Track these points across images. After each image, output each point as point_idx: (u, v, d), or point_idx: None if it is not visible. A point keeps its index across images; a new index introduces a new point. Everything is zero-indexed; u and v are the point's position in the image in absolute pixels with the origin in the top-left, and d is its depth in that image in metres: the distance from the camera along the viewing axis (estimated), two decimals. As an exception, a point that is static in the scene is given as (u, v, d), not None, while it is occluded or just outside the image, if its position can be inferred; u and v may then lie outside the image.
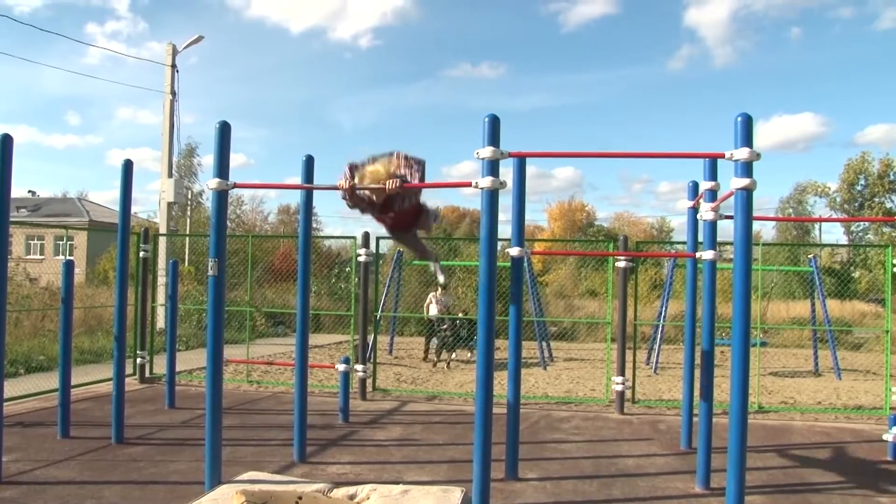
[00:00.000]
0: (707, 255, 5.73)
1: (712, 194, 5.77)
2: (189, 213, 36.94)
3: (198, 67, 72.30)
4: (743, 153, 4.29)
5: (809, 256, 14.64)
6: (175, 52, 17.79)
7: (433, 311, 14.13)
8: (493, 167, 4.46)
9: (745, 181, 4.28)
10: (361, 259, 9.49)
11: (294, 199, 62.33)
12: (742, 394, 4.32)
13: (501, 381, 9.34)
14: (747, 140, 4.30)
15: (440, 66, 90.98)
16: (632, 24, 78.98)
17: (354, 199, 5.19)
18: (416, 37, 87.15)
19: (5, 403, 5.56)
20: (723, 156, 4.43)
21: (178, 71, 17.77)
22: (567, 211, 55.09)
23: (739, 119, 4.34)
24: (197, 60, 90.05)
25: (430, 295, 14.55)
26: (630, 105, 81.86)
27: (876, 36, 65.36)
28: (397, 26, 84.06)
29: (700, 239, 6.10)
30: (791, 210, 45.77)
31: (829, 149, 71.99)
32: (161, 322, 13.13)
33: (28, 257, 35.18)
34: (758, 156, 4.28)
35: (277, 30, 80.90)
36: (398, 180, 4.90)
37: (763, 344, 14.69)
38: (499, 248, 7.14)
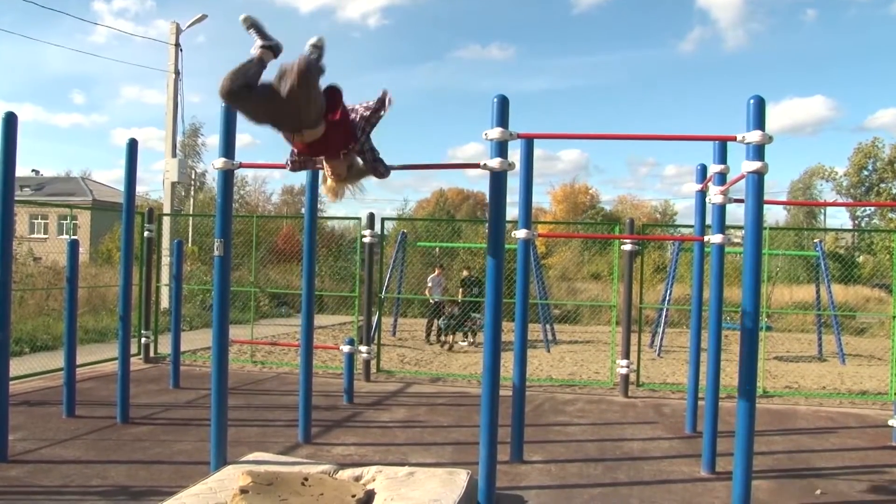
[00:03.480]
0: (716, 238, 5.68)
1: (722, 177, 5.71)
2: (193, 193, 36.87)
3: (205, 47, 71.79)
4: (755, 136, 4.22)
5: (815, 241, 14.55)
6: (179, 31, 17.61)
7: (436, 294, 14.20)
8: (501, 148, 4.39)
9: (756, 164, 4.22)
10: (366, 240, 9.47)
11: (298, 179, 62.15)
12: (750, 377, 4.31)
13: (506, 363, 9.32)
14: (760, 123, 4.23)
15: (449, 47, 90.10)
16: (643, 5, 78.08)
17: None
18: (426, 17, 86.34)
19: (11, 382, 5.56)
20: (734, 139, 4.36)
21: (181, 50, 17.59)
22: (570, 193, 54.75)
23: (752, 101, 4.27)
24: (204, 39, 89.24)
25: (429, 279, 14.62)
26: (639, 88, 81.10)
27: (890, 20, 64.52)
28: (406, 6, 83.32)
29: (708, 222, 6.05)
30: (799, 195, 45.46)
31: (837, 133, 71.40)
32: (165, 302, 13.13)
33: (32, 236, 35.24)
34: (770, 139, 4.22)
35: (286, 8, 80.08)
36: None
37: (768, 328, 14.66)
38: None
